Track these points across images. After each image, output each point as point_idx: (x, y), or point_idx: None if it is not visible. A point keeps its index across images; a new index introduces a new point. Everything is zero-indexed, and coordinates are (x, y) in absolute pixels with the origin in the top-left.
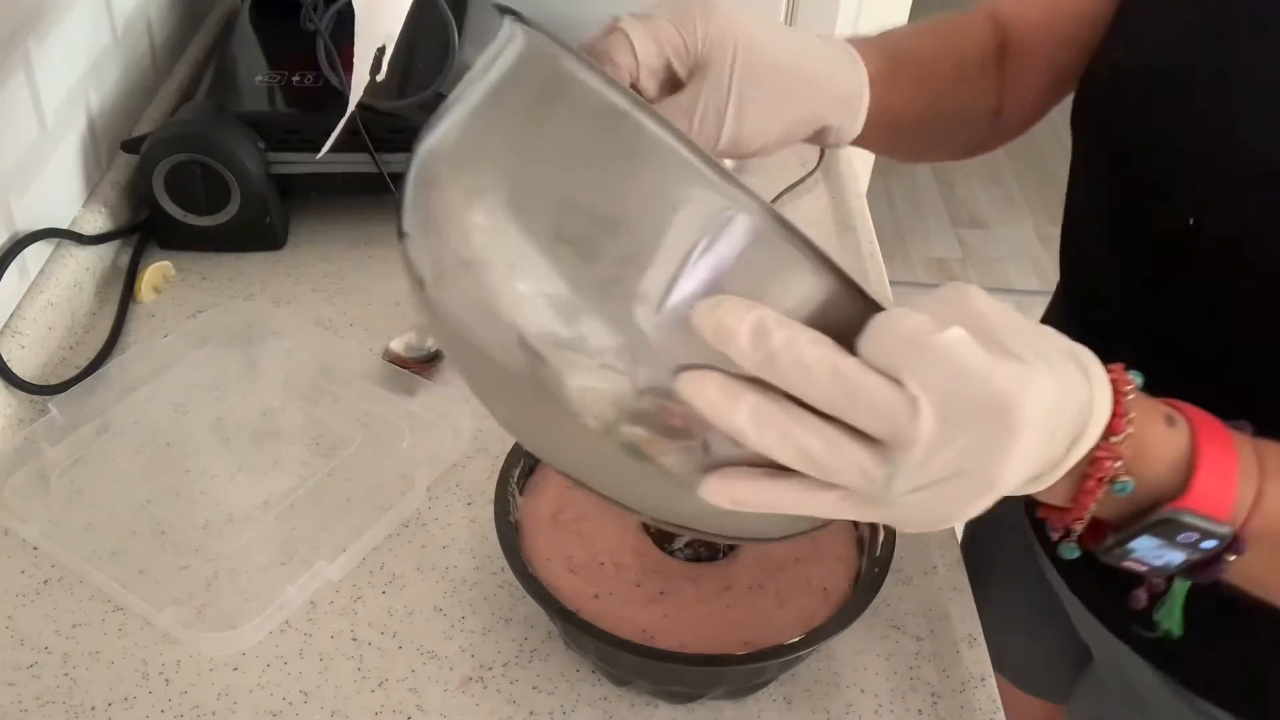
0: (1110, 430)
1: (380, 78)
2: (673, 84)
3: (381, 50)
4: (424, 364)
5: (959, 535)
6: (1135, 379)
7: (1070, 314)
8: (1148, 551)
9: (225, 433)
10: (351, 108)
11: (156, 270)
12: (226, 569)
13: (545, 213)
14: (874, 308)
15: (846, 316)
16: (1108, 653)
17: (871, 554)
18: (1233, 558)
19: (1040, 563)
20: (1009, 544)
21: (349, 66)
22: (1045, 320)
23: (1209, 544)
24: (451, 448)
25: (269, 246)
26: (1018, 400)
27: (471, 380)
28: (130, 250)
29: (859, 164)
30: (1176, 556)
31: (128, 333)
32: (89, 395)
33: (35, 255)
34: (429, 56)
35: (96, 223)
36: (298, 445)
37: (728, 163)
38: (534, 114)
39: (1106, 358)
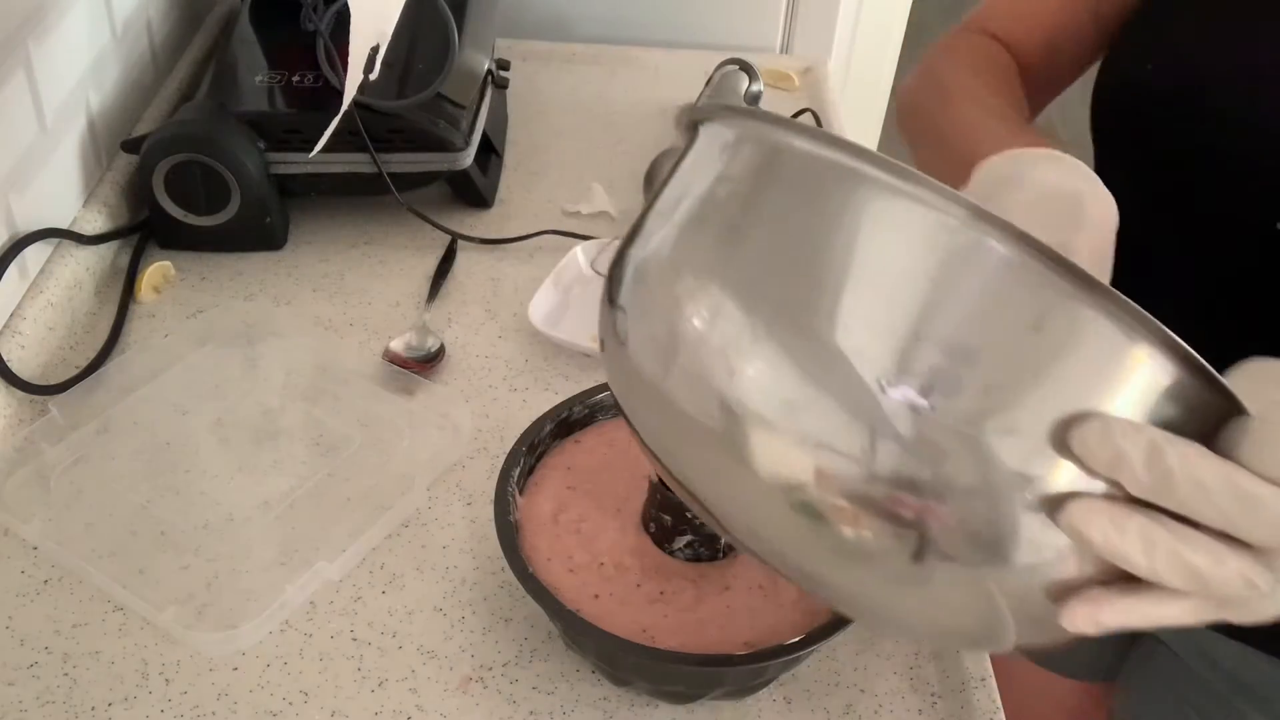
0: None
1: (373, 77)
2: None
3: (375, 49)
4: (424, 364)
5: None
6: None
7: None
8: None
9: (225, 433)
10: (345, 106)
11: (156, 270)
12: (226, 569)
13: (804, 309)
14: (1236, 404)
15: (1206, 410)
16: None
17: None
18: None
19: None
20: None
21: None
22: None
23: None
24: (451, 448)
25: (269, 246)
26: None
27: (645, 426)
28: (130, 250)
29: None
30: None
31: (128, 333)
32: (89, 395)
33: (35, 255)
34: (429, 56)
35: (96, 223)
36: (298, 445)
37: None
38: (761, 197)
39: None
